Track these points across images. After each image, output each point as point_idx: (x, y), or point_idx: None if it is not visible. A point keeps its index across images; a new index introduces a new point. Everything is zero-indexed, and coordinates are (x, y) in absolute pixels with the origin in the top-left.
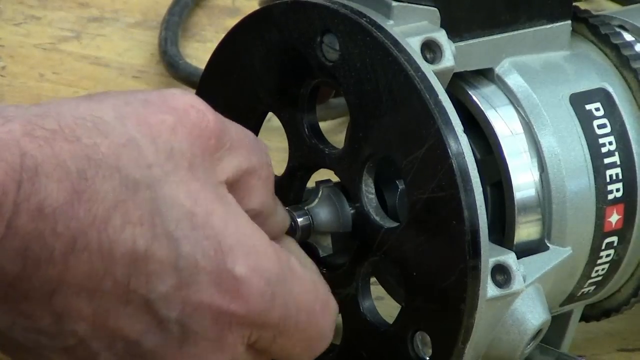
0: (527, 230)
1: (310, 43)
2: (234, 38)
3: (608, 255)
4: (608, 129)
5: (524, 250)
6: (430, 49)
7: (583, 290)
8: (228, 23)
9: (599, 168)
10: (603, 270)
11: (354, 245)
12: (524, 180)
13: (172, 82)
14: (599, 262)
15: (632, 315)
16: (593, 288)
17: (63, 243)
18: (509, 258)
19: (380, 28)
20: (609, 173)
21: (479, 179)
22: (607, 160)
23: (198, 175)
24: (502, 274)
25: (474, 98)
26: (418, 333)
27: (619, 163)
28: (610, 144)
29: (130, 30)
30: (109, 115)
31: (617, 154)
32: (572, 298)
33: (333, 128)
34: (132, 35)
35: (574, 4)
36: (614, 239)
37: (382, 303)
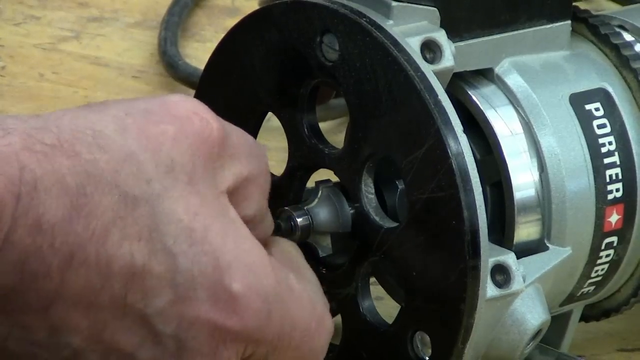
0: (526, 230)
1: (310, 43)
2: (234, 38)
3: (608, 255)
4: (608, 129)
5: (524, 250)
6: (430, 49)
7: (583, 291)
8: (228, 23)
9: (599, 168)
10: (603, 271)
11: (354, 245)
12: (524, 180)
13: (171, 82)
14: (599, 262)
15: (631, 316)
16: (593, 288)
17: (61, 258)
18: (509, 258)
19: (380, 28)
20: (609, 173)
21: (479, 179)
22: (606, 160)
23: (198, 188)
24: (501, 274)
25: (474, 98)
26: (418, 333)
27: (619, 163)
28: (610, 144)
29: (130, 30)
30: (109, 129)
31: (616, 154)
32: (571, 298)
33: (333, 128)
34: (131, 35)
35: (574, 4)
36: (614, 239)
37: (381, 303)
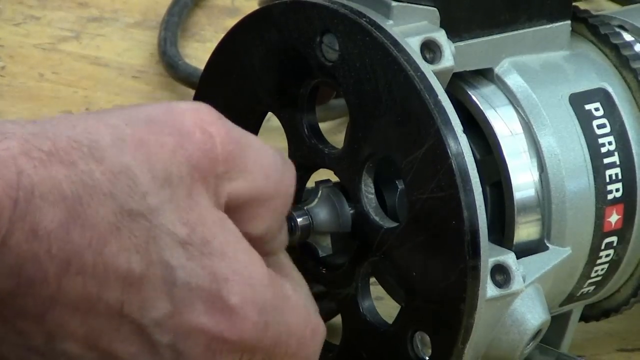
0: (526, 231)
1: (310, 43)
2: (234, 38)
3: (607, 255)
4: (607, 129)
5: (524, 250)
6: (430, 49)
7: (582, 291)
8: (227, 23)
9: (599, 168)
10: (602, 270)
11: (354, 246)
12: (524, 180)
13: (171, 82)
14: (599, 262)
15: (631, 316)
16: (592, 288)
17: (57, 265)
18: (509, 258)
19: (380, 28)
20: (609, 173)
21: (479, 179)
22: (606, 160)
23: (197, 201)
24: (501, 274)
25: (474, 98)
26: (417, 333)
27: (619, 163)
28: (610, 144)
29: (130, 30)
30: (105, 140)
31: (616, 154)
32: (571, 298)
33: (333, 128)
34: (131, 35)
35: (574, 4)
36: (614, 239)
37: (381, 303)
